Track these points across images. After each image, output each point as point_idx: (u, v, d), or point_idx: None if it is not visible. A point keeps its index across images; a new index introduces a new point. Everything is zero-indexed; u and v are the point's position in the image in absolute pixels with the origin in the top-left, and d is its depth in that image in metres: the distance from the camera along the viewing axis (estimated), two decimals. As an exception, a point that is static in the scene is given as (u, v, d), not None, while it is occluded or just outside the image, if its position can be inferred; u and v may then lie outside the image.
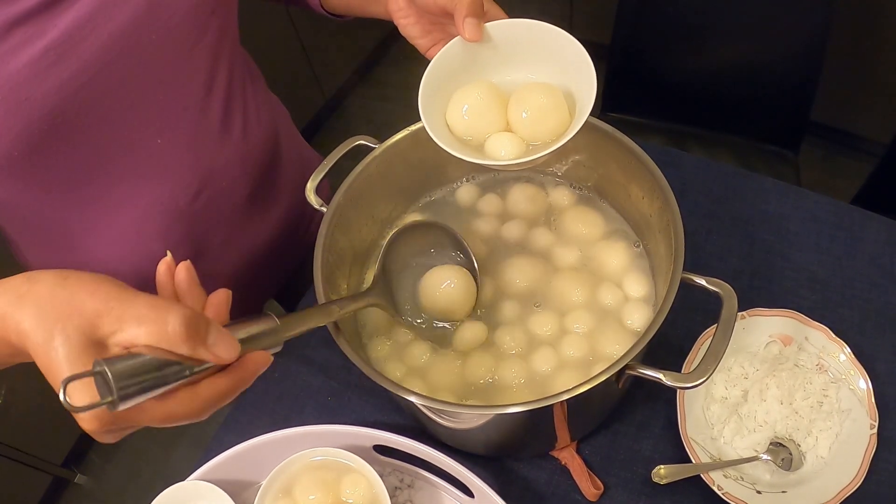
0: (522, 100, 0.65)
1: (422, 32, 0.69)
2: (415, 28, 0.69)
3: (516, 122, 0.65)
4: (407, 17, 0.69)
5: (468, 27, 0.63)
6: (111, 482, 1.93)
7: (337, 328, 0.66)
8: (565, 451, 0.78)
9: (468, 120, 0.65)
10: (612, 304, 0.76)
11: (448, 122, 0.66)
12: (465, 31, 0.63)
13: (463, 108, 0.65)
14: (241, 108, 0.83)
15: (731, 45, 1.47)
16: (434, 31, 0.69)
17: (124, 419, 0.45)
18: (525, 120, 0.64)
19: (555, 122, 0.63)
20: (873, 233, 0.91)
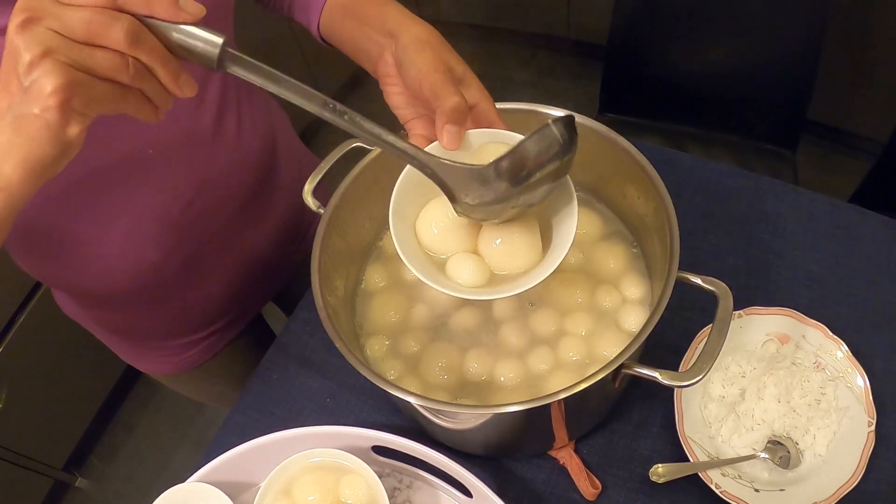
0: (496, 227, 0.62)
1: (405, 103, 0.66)
2: (399, 98, 0.67)
3: (485, 248, 0.63)
4: (393, 85, 0.67)
5: (447, 135, 0.59)
6: (112, 485, 1.94)
7: (336, 331, 0.66)
8: (563, 450, 0.78)
9: (436, 235, 0.63)
10: (610, 306, 0.76)
11: (417, 233, 0.64)
12: (442, 139, 0.59)
13: (432, 223, 0.63)
14: (235, 116, 0.82)
15: (727, 44, 1.48)
16: (417, 105, 0.66)
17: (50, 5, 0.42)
18: (495, 249, 0.62)
19: (525, 259, 0.62)
20: (870, 231, 0.92)
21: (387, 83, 0.67)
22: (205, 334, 1.00)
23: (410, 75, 0.62)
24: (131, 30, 0.43)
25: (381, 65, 0.68)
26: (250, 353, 1.06)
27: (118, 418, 2.04)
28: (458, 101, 0.59)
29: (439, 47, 0.64)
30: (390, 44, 0.66)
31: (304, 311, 0.95)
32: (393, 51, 0.66)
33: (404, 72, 0.64)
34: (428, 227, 0.63)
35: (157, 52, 0.45)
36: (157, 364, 1.02)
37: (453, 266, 0.63)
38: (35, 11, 0.42)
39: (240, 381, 0.91)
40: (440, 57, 0.63)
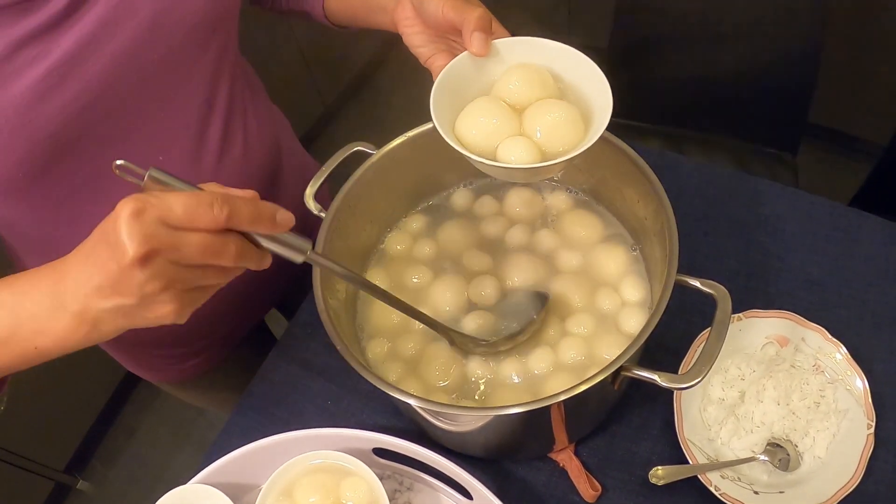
0: (537, 113, 0.64)
1: (424, 42, 0.70)
2: (419, 37, 0.70)
3: (531, 133, 0.64)
4: (413, 26, 0.70)
5: (476, 41, 0.63)
6: (113, 488, 1.94)
7: (337, 333, 0.66)
8: (563, 452, 0.78)
9: (478, 133, 0.64)
10: (609, 308, 0.77)
11: (459, 134, 0.65)
12: (472, 45, 0.63)
13: (473, 121, 0.64)
14: (242, 124, 0.83)
15: (727, 48, 1.48)
16: (437, 42, 0.70)
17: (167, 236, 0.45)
18: (539, 132, 0.63)
19: (571, 135, 0.63)
20: (869, 233, 0.92)
21: (406, 25, 0.70)
22: (208, 342, 1.00)
23: (431, 8, 0.66)
24: (239, 251, 0.48)
25: (399, 10, 0.70)
26: (253, 360, 1.05)
27: (120, 421, 2.04)
28: (483, 10, 0.64)
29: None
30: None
31: (306, 314, 0.95)
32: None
33: (425, 8, 0.67)
34: (469, 127, 0.64)
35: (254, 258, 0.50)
36: (161, 373, 1.03)
37: (503, 150, 0.63)
38: (153, 243, 0.44)
39: (242, 388, 0.91)
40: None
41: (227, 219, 0.46)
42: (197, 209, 0.45)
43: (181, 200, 0.45)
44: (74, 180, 0.69)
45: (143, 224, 0.44)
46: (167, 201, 0.45)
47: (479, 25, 0.63)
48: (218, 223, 0.46)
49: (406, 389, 0.63)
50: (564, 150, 0.62)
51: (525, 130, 0.64)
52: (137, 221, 0.44)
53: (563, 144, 0.63)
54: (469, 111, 0.65)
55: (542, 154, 0.63)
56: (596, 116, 0.63)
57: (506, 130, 0.64)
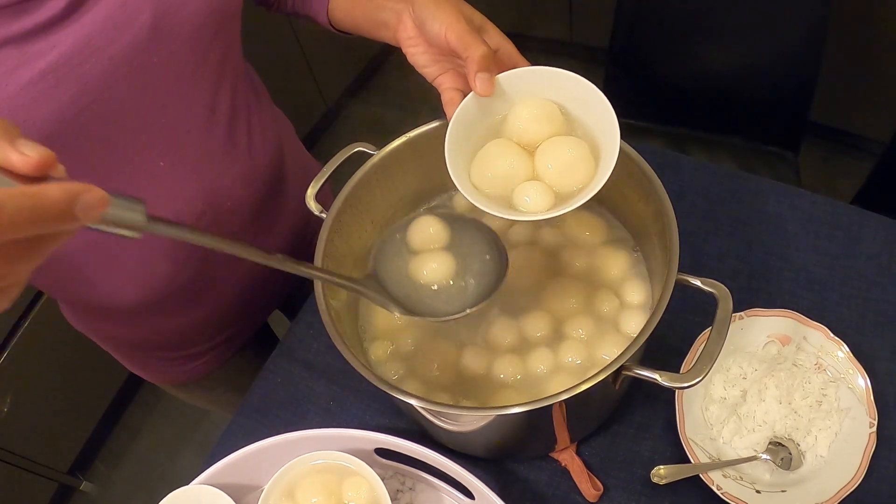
0: (549, 153, 0.65)
1: (430, 61, 0.69)
2: (423, 57, 0.70)
3: (543, 174, 0.65)
4: (416, 45, 0.70)
5: (480, 83, 0.63)
6: (117, 489, 1.94)
7: (338, 334, 0.66)
8: (565, 452, 0.78)
9: (494, 178, 0.65)
10: (611, 309, 0.77)
11: (475, 182, 0.66)
12: (477, 87, 0.63)
13: (488, 167, 0.65)
14: (246, 127, 0.83)
15: (729, 46, 1.48)
16: (442, 61, 0.69)
17: None
18: (551, 171, 0.64)
19: (584, 171, 0.64)
20: (871, 232, 0.92)
21: (409, 45, 0.70)
22: (212, 344, 1.00)
23: (434, 30, 0.65)
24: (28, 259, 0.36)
25: (401, 29, 0.70)
26: (257, 362, 1.06)
27: (123, 422, 2.04)
28: (485, 49, 0.63)
29: (455, 0, 0.67)
30: (407, 7, 0.69)
31: (308, 315, 0.96)
32: (411, 12, 0.69)
33: (427, 28, 0.66)
34: (484, 176, 0.65)
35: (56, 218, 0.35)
36: (164, 374, 1.03)
37: (518, 196, 0.64)
38: None
39: (245, 389, 0.92)
40: (458, 8, 0.66)
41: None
42: None
43: None
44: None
45: None
46: None
47: (482, 66, 0.63)
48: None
49: (407, 390, 0.63)
50: (578, 186, 0.64)
51: (538, 172, 0.65)
52: None
53: (577, 182, 0.64)
54: (482, 157, 0.66)
55: (555, 195, 0.64)
56: (604, 144, 0.64)
57: (520, 174, 0.65)
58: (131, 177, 0.72)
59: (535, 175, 0.66)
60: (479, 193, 0.65)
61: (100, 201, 0.37)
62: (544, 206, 0.64)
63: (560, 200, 0.64)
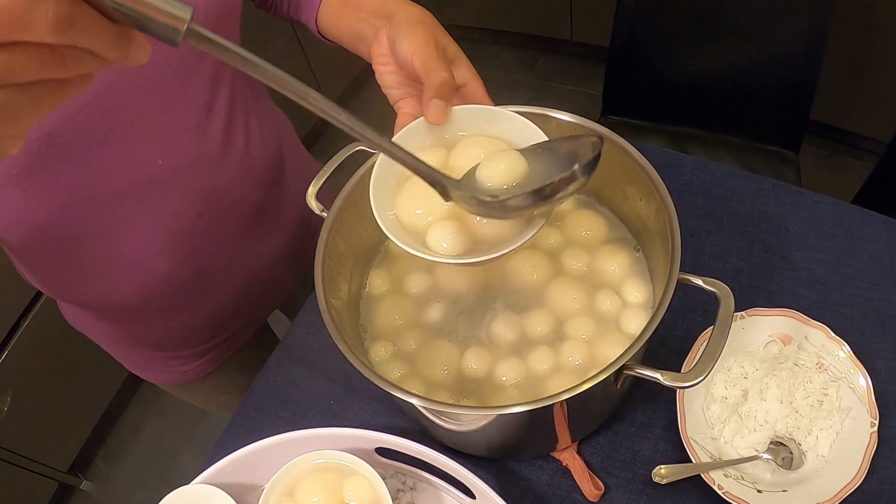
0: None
1: (395, 83, 0.67)
2: (391, 77, 0.67)
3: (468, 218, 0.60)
4: (386, 64, 0.68)
5: (433, 109, 0.60)
6: (117, 488, 1.94)
7: (339, 333, 0.66)
8: (566, 451, 0.78)
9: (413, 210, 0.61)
10: (612, 309, 0.76)
11: (399, 209, 0.63)
12: (428, 113, 0.60)
13: (411, 199, 0.62)
14: (244, 126, 0.82)
15: (729, 45, 1.48)
16: (408, 85, 0.67)
17: None
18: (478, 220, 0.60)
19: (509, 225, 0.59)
20: (872, 231, 0.92)
21: (379, 62, 0.68)
22: (212, 345, 1.00)
23: (402, 50, 0.63)
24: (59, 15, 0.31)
25: (376, 45, 0.69)
26: (256, 362, 1.06)
27: (123, 421, 2.05)
28: (447, 76, 0.60)
29: (433, 27, 0.65)
30: (385, 24, 0.68)
31: (308, 314, 0.95)
32: (388, 30, 0.67)
33: (397, 48, 0.65)
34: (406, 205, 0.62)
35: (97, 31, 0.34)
36: (164, 374, 1.03)
37: (433, 234, 0.60)
38: None
39: (246, 389, 0.92)
40: (432, 35, 0.64)
41: None
42: None
43: None
44: (71, 183, 0.69)
45: None
46: None
47: (439, 92, 0.60)
48: None
49: (409, 389, 0.63)
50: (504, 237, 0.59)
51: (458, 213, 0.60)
52: None
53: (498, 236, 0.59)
54: (409, 188, 0.62)
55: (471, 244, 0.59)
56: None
57: (437, 213, 0.61)
58: (130, 175, 0.72)
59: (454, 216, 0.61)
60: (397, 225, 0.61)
61: None
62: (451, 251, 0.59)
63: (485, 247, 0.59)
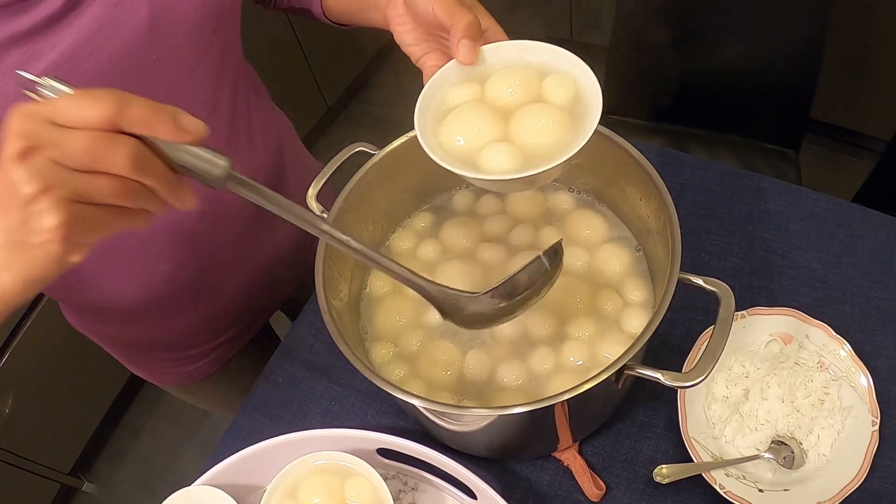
0: (523, 117, 0.62)
1: (415, 40, 0.69)
2: (410, 35, 0.69)
3: (516, 138, 0.62)
4: (403, 24, 0.69)
5: (463, 49, 0.62)
6: (119, 490, 1.94)
7: (340, 334, 0.66)
8: (567, 452, 0.78)
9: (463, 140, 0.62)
10: (612, 309, 0.76)
11: (443, 142, 0.63)
12: (459, 54, 0.62)
13: (457, 127, 0.62)
14: (246, 126, 0.82)
15: (729, 45, 1.48)
16: (429, 40, 0.69)
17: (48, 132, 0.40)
18: (525, 136, 0.61)
19: (560, 138, 0.60)
20: (873, 230, 0.92)
21: (397, 23, 0.69)
22: (213, 345, 1.00)
23: (422, 4, 0.65)
24: (134, 155, 0.41)
25: (391, 8, 0.70)
26: (258, 363, 1.06)
27: (125, 422, 2.05)
28: (472, 17, 0.62)
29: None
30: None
31: (309, 315, 0.95)
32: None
33: (415, 4, 0.66)
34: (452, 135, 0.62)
35: (160, 174, 0.44)
36: (166, 375, 1.03)
37: (485, 157, 0.60)
38: (33, 139, 0.40)
39: (247, 390, 0.92)
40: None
41: (116, 113, 0.40)
42: (82, 102, 0.40)
43: (70, 97, 0.41)
44: None
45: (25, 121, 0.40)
46: (57, 101, 0.41)
47: (467, 33, 0.61)
48: (103, 117, 0.40)
49: (410, 390, 0.63)
50: (553, 154, 0.58)
51: (511, 136, 0.62)
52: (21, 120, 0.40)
53: (552, 148, 0.59)
54: (452, 117, 0.63)
55: (526, 160, 0.60)
56: (586, 118, 0.61)
57: (489, 137, 0.61)
58: None
59: (508, 139, 0.62)
60: (443, 151, 0.62)
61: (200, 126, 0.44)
62: (511, 168, 0.59)
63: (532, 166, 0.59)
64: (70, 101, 0.40)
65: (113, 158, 0.41)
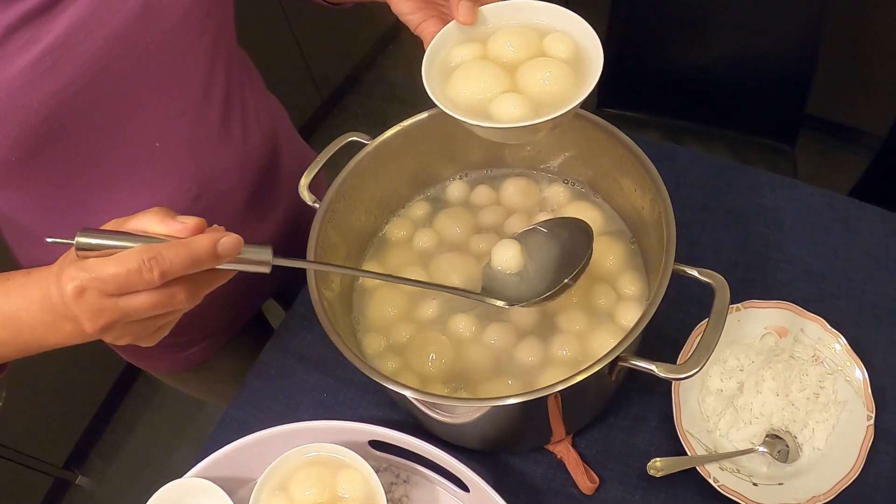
0: (527, 70, 0.63)
1: (413, 9, 0.69)
2: (407, 4, 0.69)
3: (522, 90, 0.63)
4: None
5: (462, 10, 0.63)
6: (112, 484, 1.94)
7: (332, 325, 0.66)
8: (561, 444, 0.78)
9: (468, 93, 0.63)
10: (606, 302, 0.76)
11: (450, 98, 0.64)
12: (459, 15, 0.63)
13: (463, 82, 0.63)
14: (240, 110, 0.82)
15: (725, 38, 1.47)
16: (426, 8, 0.69)
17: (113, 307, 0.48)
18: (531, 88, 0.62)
19: (563, 90, 0.61)
20: (868, 224, 0.91)
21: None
22: (206, 332, 0.99)
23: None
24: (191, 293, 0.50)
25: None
26: (251, 351, 1.06)
27: (118, 416, 2.04)
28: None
29: None
30: None
31: (302, 307, 0.95)
32: None
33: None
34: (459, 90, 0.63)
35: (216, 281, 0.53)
36: (159, 362, 1.02)
37: (497, 107, 0.62)
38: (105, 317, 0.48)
39: (241, 379, 0.91)
40: None
41: (161, 277, 0.47)
42: (128, 279, 0.47)
43: (111, 272, 0.47)
44: (70, 167, 0.69)
45: (87, 303, 0.47)
46: (101, 275, 0.47)
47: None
48: (153, 284, 0.47)
49: (402, 381, 0.62)
50: (560, 103, 0.60)
51: (519, 87, 0.63)
52: (81, 301, 0.47)
53: (558, 98, 0.61)
54: (458, 73, 0.64)
55: (535, 108, 0.61)
56: (588, 70, 0.62)
57: (497, 89, 0.63)
58: (128, 158, 0.72)
59: (514, 89, 0.63)
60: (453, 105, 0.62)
61: (236, 242, 0.50)
62: (522, 116, 0.60)
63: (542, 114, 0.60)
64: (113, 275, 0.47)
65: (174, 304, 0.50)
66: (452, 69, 0.65)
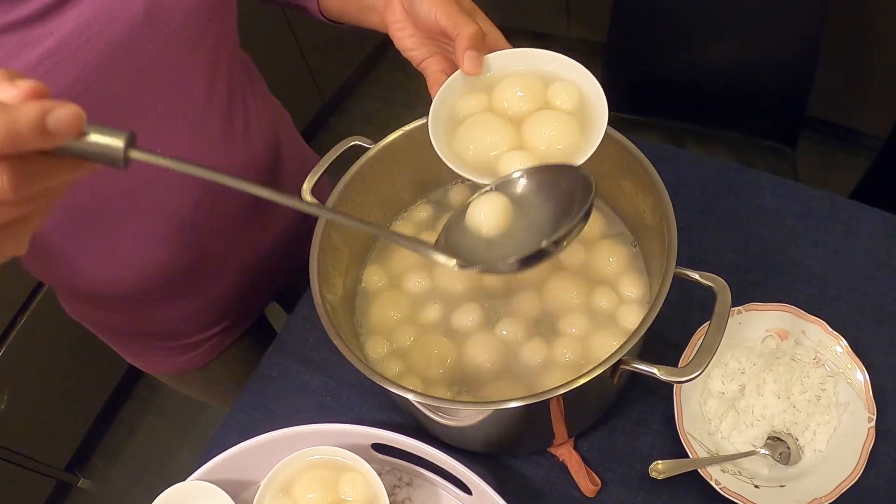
0: (534, 124, 0.64)
1: (415, 45, 0.69)
2: (410, 40, 0.69)
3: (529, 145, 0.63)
4: (403, 28, 0.69)
5: (468, 60, 0.63)
6: (114, 486, 1.94)
7: (334, 328, 0.66)
8: (563, 447, 0.78)
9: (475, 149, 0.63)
10: (609, 305, 0.76)
11: (456, 152, 0.64)
12: (464, 65, 0.63)
13: (470, 137, 0.64)
14: (242, 113, 0.82)
15: (726, 40, 1.47)
16: (428, 44, 0.69)
17: None
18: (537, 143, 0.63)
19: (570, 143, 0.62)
20: (869, 226, 0.91)
21: (396, 28, 0.70)
22: (209, 334, 1.00)
23: (424, 12, 0.65)
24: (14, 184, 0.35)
25: (389, 13, 0.70)
26: (253, 353, 1.06)
27: (120, 418, 2.04)
28: (476, 27, 0.63)
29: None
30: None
31: (304, 309, 0.95)
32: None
33: (417, 10, 0.66)
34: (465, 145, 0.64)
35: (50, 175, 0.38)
36: (161, 364, 1.03)
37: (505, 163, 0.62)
38: None
39: (243, 381, 0.92)
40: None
41: None
42: None
43: None
44: None
45: None
46: None
47: (472, 44, 0.62)
48: None
49: (404, 385, 0.63)
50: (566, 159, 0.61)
51: (524, 143, 0.64)
52: None
53: (564, 153, 0.62)
54: (465, 128, 0.64)
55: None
56: (593, 122, 0.62)
57: (504, 144, 0.63)
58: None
59: (521, 146, 0.64)
60: (459, 160, 0.63)
61: (72, 116, 0.36)
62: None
63: None
64: None
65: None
66: (459, 121, 0.65)
